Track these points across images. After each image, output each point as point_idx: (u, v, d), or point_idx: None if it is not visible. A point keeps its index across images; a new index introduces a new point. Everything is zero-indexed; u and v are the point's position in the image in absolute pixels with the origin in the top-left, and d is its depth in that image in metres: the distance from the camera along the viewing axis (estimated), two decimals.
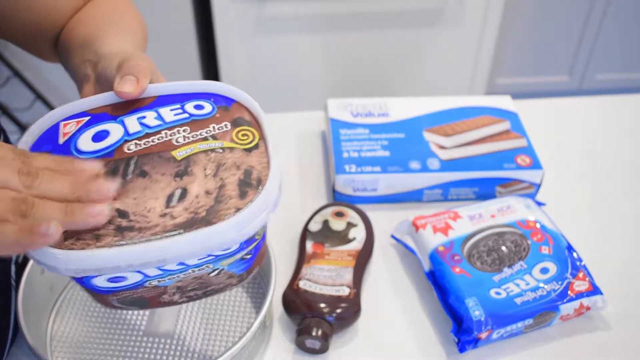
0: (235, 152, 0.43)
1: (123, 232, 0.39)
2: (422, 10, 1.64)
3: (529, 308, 0.58)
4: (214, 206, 0.40)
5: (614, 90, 2.04)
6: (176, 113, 0.46)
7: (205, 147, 0.43)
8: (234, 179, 0.41)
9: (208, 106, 0.46)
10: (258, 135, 0.44)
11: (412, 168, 0.73)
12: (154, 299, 0.46)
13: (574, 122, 0.88)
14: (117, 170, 0.42)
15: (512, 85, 2.03)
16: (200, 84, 0.48)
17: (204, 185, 0.41)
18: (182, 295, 0.47)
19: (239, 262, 0.44)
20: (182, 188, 0.41)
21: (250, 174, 0.42)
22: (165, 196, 0.41)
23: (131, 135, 0.44)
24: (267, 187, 0.41)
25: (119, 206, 0.40)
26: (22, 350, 0.59)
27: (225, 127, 0.45)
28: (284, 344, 0.60)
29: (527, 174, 0.73)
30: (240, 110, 0.46)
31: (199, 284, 0.45)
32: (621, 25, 1.92)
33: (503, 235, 0.65)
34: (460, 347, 0.58)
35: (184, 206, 0.40)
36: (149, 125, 0.45)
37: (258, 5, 1.57)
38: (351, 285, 0.60)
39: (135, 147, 0.43)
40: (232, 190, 0.41)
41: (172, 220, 0.40)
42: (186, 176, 0.42)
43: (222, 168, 0.42)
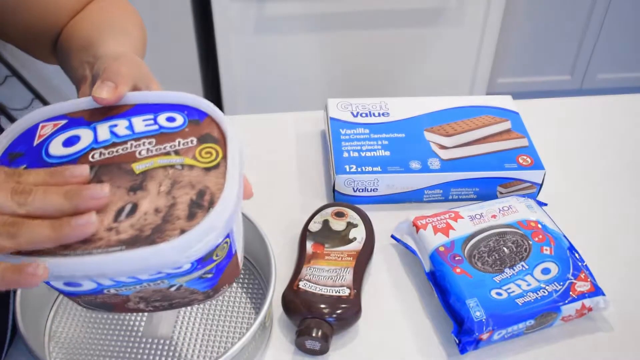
0: (194, 170, 0.42)
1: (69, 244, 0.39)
2: (422, 10, 1.64)
3: (531, 309, 0.58)
4: (160, 225, 0.39)
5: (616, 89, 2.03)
6: (147, 124, 0.45)
7: (165, 163, 0.43)
8: (186, 198, 0.41)
9: (180, 119, 0.46)
10: (222, 154, 0.43)
11: (412, 168, 0.72)
12: (118, 306, 0.46)
13: (576, 121, 0.88)
14: None
15: (513, 85, 2.03)
16: (177, 96, 0.47)
17: (155, 203, 0.40)
18: (148, 305, 0.46)
19: (198, 280, 0.44)
20: (133, 203, 0.41)
21: (203, 194, 0.41)
22: (114, 210, 0.40)
23: (99, 144, 0.44)
24: (216, 209, 0.40)
25: None
26: (20, 350, 0.59)
27: (190, 142, 0.44)
28: (283, 345, 0.60)
29: (529, 174, 0.73)
30: (211, 126, 0.45)
31: (162, 297, 0.45)
32: (622, 25, 1.92)
33: (504, 235, 0.65)
34: (461, 348, 0.58)
35: (131, 222, 0.40)
36: (118, 134, 0.44)
37: (258, 5, 1.57)
38: (351, 285, 0.60)
39: (99, 157, 0.43)
40: (181, 210, 0.40)
41: (116, 235, 0.39)
42: (140, 191, 0.41)
43: (176, 186, 0.41)
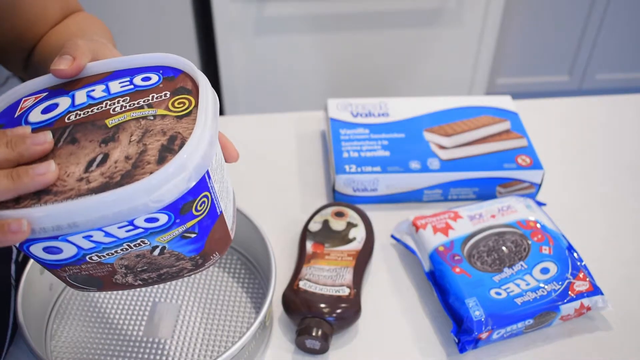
0: (166, 119, 0.43)
1: (40, 195, 0.40)
2: (422, 10, 1.64)
3: (530, 308, 0.58)
4: (130, 171, 0.40)
5: (614, 90, 2.04)
6: (122, 85, 0.46)
7: (138, 115, 0.43)
8: (157, 144, 0.41)
9: (155, 77, 0.47)
10: (194, 103, 0.44)
11: (412, 168, 0.73)
12: (106, 279, 0.46)
13: (575, 122, 0.88)
14: None
15: (513, 85, 2.03)
16: (153, 57, 0.48)
17: (126, 151, 0.41)
18: (136, 277, 0.46)
19: (180, 240, 0.43)
20: (104, 154, 0.41)
21: (174, 139, 0.41)
22: (86, 162, 0.41)
23: (75, 107, 0.45)
24: (184, 149, 0.40)
25: None
26: (21, 349, 0.59)
27: (164, 96, 0.45)
28: (284, 344, 0.60)
29: (528, 174, 0.73)
30: (185, 80, 0.46)
31: (148, 265, 0.45)
32: (621, 25, 1.92)
33: (503, 235, 0.65)
34: (461, 347, 0.58)
35: (101, 171, 0.40)
36: (94, 97, 0.46)
37: (258, 5, 1.57)
38: (351, 285, 0.60)
39: (75, 117, 0.44)
40: (151, 156, 0.40)
41: (87, 184, 0.40)
42: (111, 142, 0.42)
43: (147, 134, 0.42)
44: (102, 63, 0.48)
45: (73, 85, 0.47)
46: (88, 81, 0.47)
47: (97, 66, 0.48)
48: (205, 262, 0.47)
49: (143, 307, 0.62)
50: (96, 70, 0.48)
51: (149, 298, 0.63)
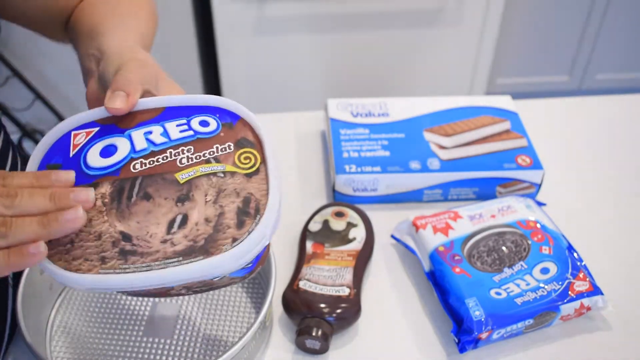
0: (236, 177, 0.44)
1: (126, 255, 0.41)
2: (422, 10, 1.64)
3: (530, 308, 0.58)
4: (212, 235, 0.42)
5: (614, 90, 2.04)
6: (182, 129, 0.46)
7: (208, 171, 0.44)
8: (232, 206, 0.43)
9: (213, 123, 0.47)
10: (260, 159, 0.45)
11: (412, 168, 0.73)
12: (162, 294, 0.47)
13: (575, 122, 0.88)
14: (122, 191, 0.44)
15: (512, 85, 2.03)
16: (206, 98, 0.48)
17: (204, 212, 0.43)
18: (189, 291, 0.48)
19: (239, 270, 0.45)
20: (183, 214, 0.43)
21: (249, 202, 0.43)
22: (166, 222, 0.42)
23: (137, 153, 0.45)
24: (264, 218, 0.42)
25: (123, 229, 0.42)
26: (22, 349, 0.59)
27: (228, 148, 0.46)
28: (284, 344, 0.60)
29: (528, 174, 0.73)
30: (245, 129, 0.47)
31: (204, 284, 0.46)
32: (621, 25, 1.92)
33: (503, 235, 0.65)
34: (461, 347, 0.58)
35: (184, 233, 0.42)
36: (155, 142, 0.46)
37: (258, 6, 1.57)
38: (351, 285, 0.60)
39: (141, 167, 0.45)
40: (230, 219, 0.42)
41: (172, 247, 0.41)
42: (187, 201, 0.43)
43: (222, 195, 0.43)
44: (153, 100, 0.48)
45: (126, 121, 0.47)
46: (142, 118, 0.47)
47: (149, 102, 0.48)
48: (251, 276, 0.49)
49: (143, 307, 0.62)
50: (148, 105, 0.48)
51: (149, 298, 0.63)
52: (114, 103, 0.46)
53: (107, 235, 0.42)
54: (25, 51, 1.73)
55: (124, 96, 0.46)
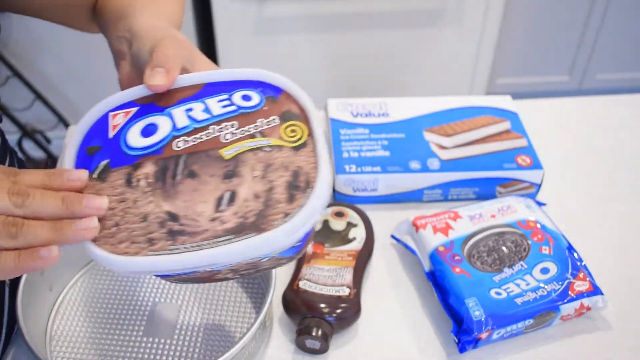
0: (284, 150, 0.43)
1: (174, 236, 0.40)
2: (422, 10, 1.64)
3: (530, 308, 0.58)
4: (262, 211, 0.40)
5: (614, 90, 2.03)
6: (224, 105, 0.45)
7: (253, 146, 0.43)
8: (282, 181, 0.41)
9: (256, 97, 0.45)
10: (307, 132, 0.44)
11: (412, 168, 0.73)
12: (208, 279, 0.46)
13: (575, 122, 0.88)
14: (166, 170, 0.42)
15: (512, 85, 2.03)
16: (247, 72, 0.47)
17: (253, 188, 0.41)
18: (235, 274, 0.46)
19: (289, 250, 0.44)
20: (231, 191, 0.41)
21: (298, 175, 0.41)
22: (214, 199, 0.41)
23: (179, 130, 0.44)
24: (315, 192, 0.40)
25: (170, 208, 0.41)
26: (21, 350, 0.59)
27: (273, 121, 0.44)
28: (284, 344, 0.60)
29: (528, 174, 0.73)
30: (289, 102, 0.45)
31: (251, 267, 0.45)
32: (621, 25, 1.92)
33: (503, 235, 0.65)
34: (461, 347, 0.58)
35: (233, 210, 0.40)
36: (197, 119, 0.44)
37: (258, 5, 1.57)
38: (351, 285, 0.60)
39: (184, 145, 0.43)
40: (280, 194, 0.41)
41: (221, 225, 0.40)
42: (235, 178, 0.42)
43: (270, 169, 0.42)
44: (193, 76, 0.47)
45: (165, 99, 0.46)
46: (181, 95, 0.46)
47: (188, 79, 0.47)
48: (298, 256, 0.48)
49: (143, 307, 0.62)
50: (187, 82, 0.47)
51: (149, 298, 0.63)
52: (154, 80, 0.45)
53: (154, 216, 0.41)
54: (25, 51, 1.73)
55: (163, 72, 0.45)
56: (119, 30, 0.53)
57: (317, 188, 0.40)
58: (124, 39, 0.52)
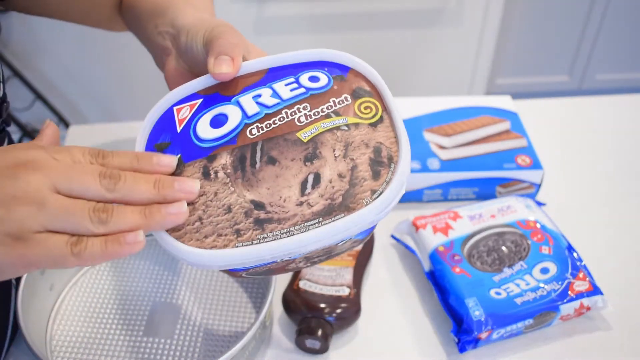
0: (361, 128, 0.42)
1: (262, 224, 0.39)
2: (422, 10, 1.64)
3: (529, 308, 0.58)
4: (349, 190, 0.40)
5: (614, 90, 2.04)
6: (292, 88, 0.44)
7: (330, 126, 0.42)
8: (364, 158, 0.41)
9: (323, 77, 0.45)
10: (381, 107, 0.43)
11: (412, 168, 0.73)
12: (281, 269, 0.46)
13: (574, 122, 0.88)
14: (244, 158, 0.41)
15: (512, 85, 2.03)
16: (311, 53, 0.46)
17: (336, 168, 0.41)
18: (307, 262, 0.46)
19: (366, 230, 0.43)
20: (315, 173, 0.41)
21: (380, 151, 0.41)
22: (298, 183, 0.40)
23: (250, 118, 0.43)
24: (400, 165, 0.40)
25: (254, 197, 0.40)
26: (22, 350, 0.59)
27: (345, 100, 0.43)
28: (284, 344, 0.60)
29: (527, 174, 0.73)
30: (358, 79, 0.45)
31: (325, 252, 0.45)
32: (621, 25, 1.92)
33: (503, 235, 0.65)
34: (460, 347, 0.58)
35: (319, 192, 0.40)
36: (267, 104, 0.43)
37: (258, 5, 1.57)
38: (351, 285, 0.60)
39: (258, 131, 0.42)
40: (364, 171, 0.40)
41: (309, 208, 0.39)
42: (316, 160, 0.41)
43: (350, 148, 0.41)
44: (255, 62, 0.46)
45: (230, 88, 0.45)
46: (246, 83, 0.45)
47: (250, 65, 0.46)
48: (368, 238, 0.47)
49: (143, 307, 0.62)
50: (250, 69, 0.46)
51: (149, 298, 0.63)
52: (221, 68, 0.44)
53: (238, 206, 0.40)
54: (26, 51, 1.73)
55: (229, 60, 0.44)
56: (158, 25, 0.52)
57: (400, 162, 0.40)
58: (167, 34, 0.51)
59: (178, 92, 0.45)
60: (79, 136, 0.85)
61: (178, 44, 0.50)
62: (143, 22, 0.55)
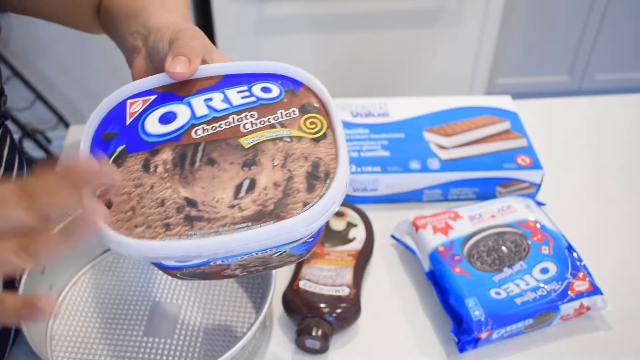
0: (303, 141, 0.43)
1: (192, 221, 0.40)
2: (422, 10, 1.64)
3: (529, 308, 0.58)
4: (282, 199, 0.40)
5: (614, 90, 2.03)
6: (243, 96, 0.45)
7: (273, 136, 0.43)
8: (301, 170, 0.41)
9: (275, 89, 0.46)
10: (326, 124, 0.44)
11: (412, 168, 0.73)
12: (216, 274, 0.46)
13: (574, 122, 0.88)
14: (185, 157, 0.42)
15: (512, 85, 2.03)
16: (267, 65, 0.47)
17: (272, 177, 0.41)
18: (244, 270, 0.46)
19: (301, 245, 0.44)
20: (251, 179, 0.41)
21: (318, 166, 0.42)
22: (233, 187, 0.41)
23: (198, 119, 0.44)
24: (335, 182, 0.41)
25: (188, 194, 0.41)
26: (22, 349, 0.59)
27: (293, 113, 0.44)
28: (284, 344, 0.60)
29: (527, 174, 0.73)
30: (308, 95, 0.46)
31: (261, 263, 0.45)
32: (621, 25, 1.92)
33: (503, 235, 0.65)
34: (460, 347, 0.58)
35: (252, 198, 0.40)
36: (216, 108, 0.44)
37: (258, 5, 1.57)
38: (351, 285, 0.60)
39: (203, 132, 0.43)
40: (299, 183, 0.41)
41: (240, 212, 0.40)
42: (254, 166, 0.42)
43: (290, 159, 0.42)
44: (212, 67, 0.47)
45: (184, 89, 0.46)
46: (200, 86, 0.46)
47: (207, 69, 0.47)
48: (308, 255, 0.47)
49: (143, 307, 0.62)
50: (206, 73, 0.47)
51: (149, 298, 0.63)
52: (175, 68, 0.45)
53: (171, 201, 0.40)
54: (26, 51, 1.73)
55: (185, 61, 0.45)
56: (132, 26, 0.54)
57: (336, 179, 0.41)
58: (139, 34, 0.53)
59: (134, 86, 0.46)
60: (79, 136, 0.85)
61: (147, 44, 0.51)
62: (118, 23, 0.57)
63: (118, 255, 0.67)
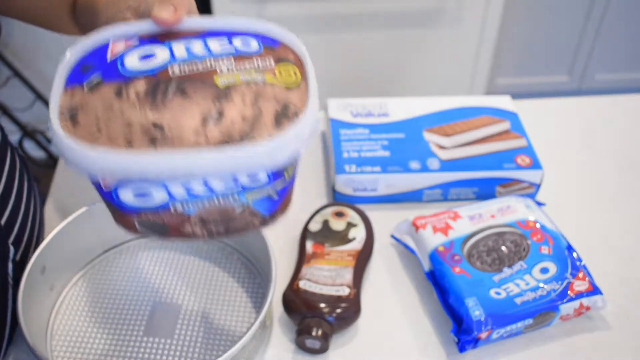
0: (276, 87, 0.43)
1: (155, 143, 0.40)
2: (422, 10, 1.64)
3: (529, 308, 0.58)
4: (248, 133, 0.40)
5: (614, 90, 2.04)
6: (223, 45, 0.46)
7: (248, 79, 0.43)
8: (271, 109, 0.42)
9: (255, 43, 0.47)
10: (300, 76, 0.45)
11: (412, 168, 0.73)
12: (175, 227, 0.46)
13: (574, 122, 0.88)
14: (157, 87, 0.43)
15: (512, 85, 2.03)
16: (249, 23, 0.48)
17: (241, 111, 0.41)
18: (203, 227, 0.47)
19: (264, 199, 0.44)
20: (220, 111, 0.41)
21: (288, 107, 0.42)
22: (201, 116, 0.41)
23: (176, 59, 0.45)
24: (304, 117, 0.41)
25: (155, 119, 0.41)
26: (22, 349, 0.59)
27: (269, 63, 0.45)
28: (284, 344, 0.60)
29: (527, 174, 0.73)
30: (286, 51, 0.46)
31: (222, 218, 0.45)
32: (621, 25, 1.92)
33: (503, 235, 0.65)
34: (460, 347, 0.58)
35: (219, 129, 0.41)
36: (195, 53, 0.45)
37: (258, 5, 1.57)
38: (351, 285, 0.60)
39: (180, 72, 0.44)
40: (268, 120, 0.41)
41: (205, 139, 0.40)
42: (224, 100, 0.42)
43: (261, 99, 0.42)
44: (196, 20, 0.48)
45: (166, 36, 0.47)
46: (183, 34, 0.47)
47: (191, 22, 0.48)
48: (272, 221, 0.48)
49: (143, 307, 0.62)
50: (190, 26, 0.47)
51: (149, 298, 0.63)
52: (161, 13, 0.46)
53: (138, 125, 0.41)
54: (26, 51, 1.73)
55: (172, 9, 0.46)
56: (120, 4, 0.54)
57: (304, 117, 0.41)
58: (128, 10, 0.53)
59: (119, 30, 0.47)
60: None
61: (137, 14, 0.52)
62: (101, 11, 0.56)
63: (117, 256, 0.67)
